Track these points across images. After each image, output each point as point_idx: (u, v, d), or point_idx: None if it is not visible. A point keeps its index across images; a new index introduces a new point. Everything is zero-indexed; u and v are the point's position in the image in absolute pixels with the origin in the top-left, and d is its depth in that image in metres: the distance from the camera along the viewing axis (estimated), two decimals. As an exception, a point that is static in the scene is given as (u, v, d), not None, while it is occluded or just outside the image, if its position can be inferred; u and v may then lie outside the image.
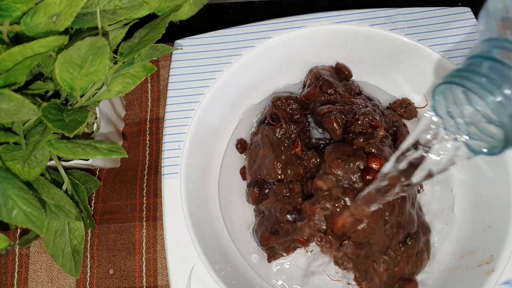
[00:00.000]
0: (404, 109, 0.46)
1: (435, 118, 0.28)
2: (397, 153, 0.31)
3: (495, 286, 0.37)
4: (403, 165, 0.31)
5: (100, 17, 0.34)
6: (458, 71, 0.25)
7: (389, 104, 0.48)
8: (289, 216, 0.40)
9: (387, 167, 0.33)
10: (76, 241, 0.40)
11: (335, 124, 0.41)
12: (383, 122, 0.42)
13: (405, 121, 0.47)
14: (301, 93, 0.47)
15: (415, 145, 0.30)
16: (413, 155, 0.30)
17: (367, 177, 0.37)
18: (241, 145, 0.47)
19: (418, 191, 0.44)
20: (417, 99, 0.47)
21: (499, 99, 0.23)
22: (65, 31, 0.33)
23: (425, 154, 0.30)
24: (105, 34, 0.38)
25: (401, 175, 0.32)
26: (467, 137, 0.27)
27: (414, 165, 0.31)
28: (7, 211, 0.30)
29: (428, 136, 0.29)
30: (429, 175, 0.30)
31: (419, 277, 0.41)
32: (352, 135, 0.41)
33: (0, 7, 0.31)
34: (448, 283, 0.41)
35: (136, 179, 0.48)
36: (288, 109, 0.45)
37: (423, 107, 0.47)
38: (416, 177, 0.31)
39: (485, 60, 0.24)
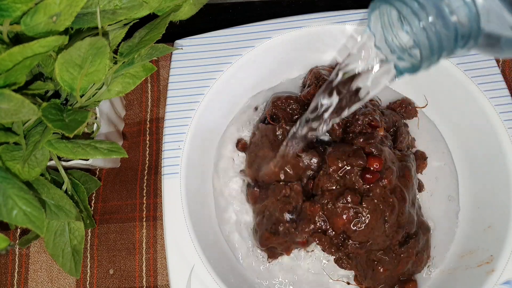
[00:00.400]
0: (404, 108, 0.46)
1: (369, 40, 0.30)
2: (330, 77, 0.33)
3: (495, 286, 0.37)
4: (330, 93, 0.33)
5: (100, 17, 0.34)
6: None
7: (389, 103, 0.48)
8: (289, 216, 0.40)
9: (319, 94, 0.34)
10: (76, 241, 0.40)
11: (335, 125, 0.41)
12: (383, 122, 0.42)
13: (406, 121, 0.47)
14: (301, 93, 0.47)
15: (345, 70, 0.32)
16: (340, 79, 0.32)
17: (367, 176, 0.37)
18: (241, 145, 0.47)
19: (419, 190, 0.44)
20: (417, 99, 0.47)
21: (422, 24, 0.25)
22: (65, 31, 0.33)
23: (355, 80, 0.31)
24: (105, 34, 0.38)
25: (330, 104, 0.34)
26: (396, 59, 0.29)
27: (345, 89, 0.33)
28: (7, 211, 0.30)
29: (359, 59, 0.30)
30: (356, 100, 0.32)
31: (419, 277, 0.41)
32: (352, 135, 0.41)
33: (0, 7, 0.31)
34: (448, 283, 0.41)
35: (136, 179, 0.48)
36: (288, 109, 0.45)
37: (423, 107, 0.47)
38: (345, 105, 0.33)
39: None
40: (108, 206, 0.48)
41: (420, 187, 0.44)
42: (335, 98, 0.33)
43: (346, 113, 0.34)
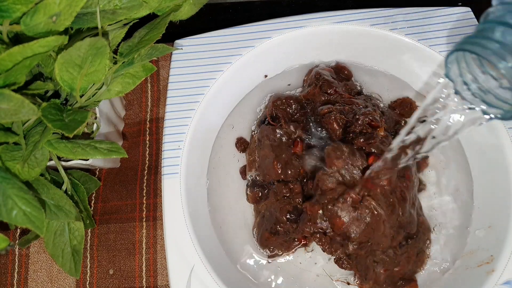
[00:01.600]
0: (405, 108, 0.46)
1: (446, 87, 0.28)
2: (407, 127, 0.32)
3: (495, 286, 0.37)
4: (411, 137, 0.32)
5: (100, 17, 0.34)
6: (470, 38, 0.25)
7: (390, 103, 0.48)
8: (289, 216, 0.40)
9: (396, 141, 0.33)
10: (76, 241, 0.40)
11: (335, 125, 0.41)
12: (383, 122, 0.42)
13: (407, 120, 0.47)
14: (301, 93, 0.47)
15: (423, 119, 0.30)
16: (421, 128, 0.31)
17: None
18: (241, 144, 0.47)
19: (420, 190, 0.44)
20: (418, 98, 0.47)
21: (510, 64, 0.23)
22: (65, 31, 0.33)
23: (432, 127, 0.30)
24: (105, 34, 0.38)
25: (409, 146, 0.32)
26: (482, 104, 0.27)
27: (421, 138, 0.31)
28: (7, 211, 0.30)
29: (437, 107, 0.29)
30: (435, 144, 0.31)
31: (419, 277, 0.41)
32: (352, 135, 0.41)
33: (0, 8, 0.31)
34: (448, 283, 0.41)
35: (136, 179, 0.48)
36: (288, 109, 0.45)
37: (424, 107, 0.47)
38: (424, 147, 0.32)
39: (498, 25, 0.24)
40: (108, 206, 0.48)
41: (421, 187, 0.44)
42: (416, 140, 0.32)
43: (426, 149, 0.32)
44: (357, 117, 0.41)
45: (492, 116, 0.27)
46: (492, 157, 0.42)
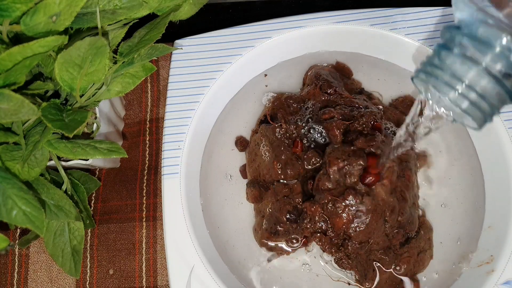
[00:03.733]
0: (406, 106, 0.46)
1: (422, 99, 0.30)
2: (402, 127, 0.34)
3: (495, 286, 0.37)
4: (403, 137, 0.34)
5: (100, 17, 0.34)
6: (425, 65, 0.27)
7: (392, 100, 0.48)
8: (289, 216, 0.40)
9: (395, 141, 0.36)
10: (76, 241, 0.40)
11: (336, 131, 0.41)
12: (383, 121, 0.42)
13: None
14: (301, 93, 0.47)
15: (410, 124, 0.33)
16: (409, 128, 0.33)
17: (368, 177, 0.37)
18: (241, 143, 0.47)
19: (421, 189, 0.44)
20: (419, 97, 0.47)
21: (457, 94, 0.25)
22: (65, 31, 0.33)
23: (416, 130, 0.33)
24: (105, 34, 0.38)
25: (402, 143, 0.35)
26: (457, 115, 0.28)
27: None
28: (7, 211, 0.30)
29: (420, 117, 0.32)
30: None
31: (420, 277, 0.41)
32: (352, 135, 0.40)
33: (0, 7, 0.31)
34: (448, 283, 0.41)
35: (136, 179, 0.48)
36: (287, 109, 0.45)
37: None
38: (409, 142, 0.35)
39: (443, 50, 0.26)
40: (108, 206, 0.48)
41: (423, 186, 0.44)
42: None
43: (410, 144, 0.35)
44: (362, 114, 0.40)
45: (466, 124, 0.28)
46: (492, 157, 0.42)
